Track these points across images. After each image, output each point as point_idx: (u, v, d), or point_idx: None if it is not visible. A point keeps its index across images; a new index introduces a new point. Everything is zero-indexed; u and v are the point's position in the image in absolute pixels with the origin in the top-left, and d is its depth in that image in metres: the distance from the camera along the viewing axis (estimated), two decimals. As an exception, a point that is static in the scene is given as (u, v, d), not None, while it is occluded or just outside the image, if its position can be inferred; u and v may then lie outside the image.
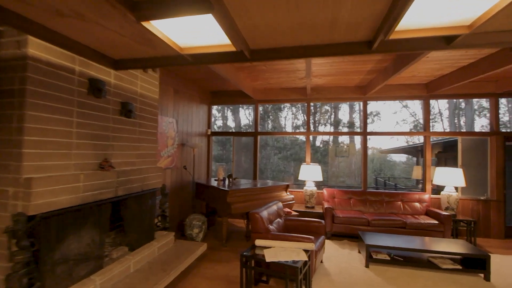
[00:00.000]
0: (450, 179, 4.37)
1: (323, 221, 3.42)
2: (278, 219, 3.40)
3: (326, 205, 4.55)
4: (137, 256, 2.82)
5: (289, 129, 14.69)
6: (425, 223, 4.06)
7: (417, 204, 4.63)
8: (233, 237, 4.42)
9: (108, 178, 2.57)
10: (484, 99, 4.59)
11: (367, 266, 3.28)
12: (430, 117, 5.02)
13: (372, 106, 15.60)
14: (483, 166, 4.83)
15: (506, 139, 4.69)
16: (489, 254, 3.01)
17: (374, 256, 3.33)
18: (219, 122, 14.83)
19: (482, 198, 4.73)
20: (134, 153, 3.07)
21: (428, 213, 4.47)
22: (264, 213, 3.05)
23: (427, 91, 4.86)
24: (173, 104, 4.32)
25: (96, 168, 2.57)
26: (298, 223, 3.50)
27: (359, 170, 16.62)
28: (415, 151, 9.98)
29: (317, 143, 17.04)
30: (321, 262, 3.40)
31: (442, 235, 4.00)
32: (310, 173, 4.94)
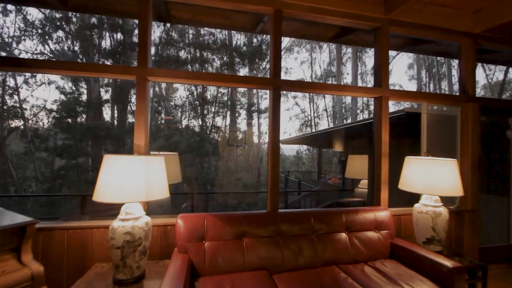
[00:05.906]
0: (438, 181, 2.12)
1: None
2: None
3: (167, 279, 1.42)
4: None
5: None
6: (419, 296, 1.60)
7: (374, 235, 2.22)
8: None
9: None
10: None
11: None
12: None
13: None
14: (446, 154, 2.97)
15: (483, 112, 2.96)
16: None
17: None
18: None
19: (451, 207, 2.83)
20: None
21: (395, 252, 2.11)
22: None
23: (385, 11, 2.55)
24: None
25: None
26: None
27: (256, 165, 14.73)
28: (319, 140, 8.43)
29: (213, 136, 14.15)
30: None
31: (450, 320, 1.65)
32: (130, 181, 1.63)
